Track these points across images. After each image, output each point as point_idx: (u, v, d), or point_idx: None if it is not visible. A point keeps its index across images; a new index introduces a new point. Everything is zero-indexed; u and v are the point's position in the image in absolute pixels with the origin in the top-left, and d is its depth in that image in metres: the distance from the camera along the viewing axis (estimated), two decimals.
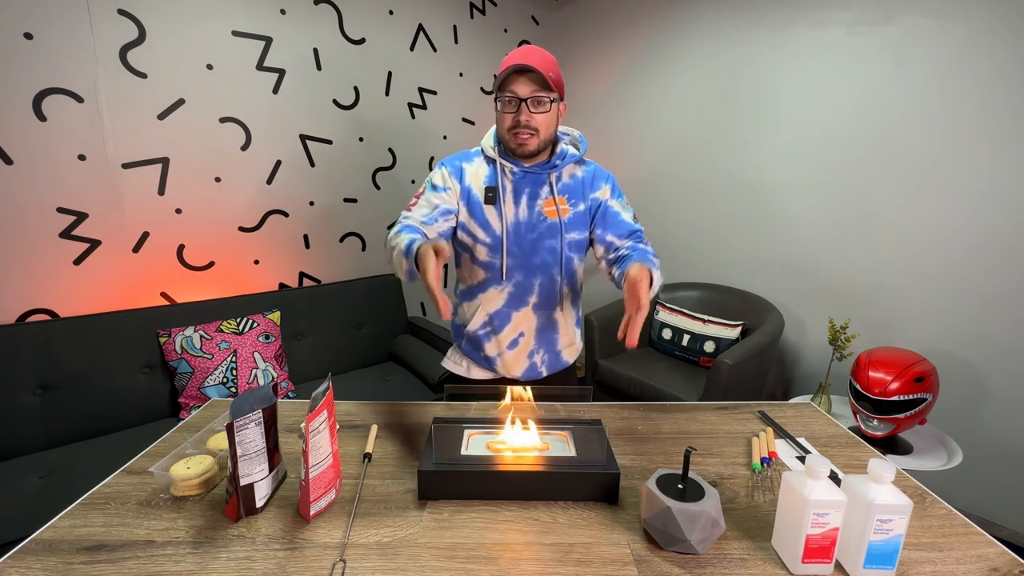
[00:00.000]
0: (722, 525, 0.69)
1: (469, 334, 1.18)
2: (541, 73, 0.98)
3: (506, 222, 1.10)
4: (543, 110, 1.01)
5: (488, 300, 1.14)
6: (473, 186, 1.11)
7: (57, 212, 1.76)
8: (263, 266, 2.29)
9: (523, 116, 1.00)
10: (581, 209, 1.13)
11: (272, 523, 0.75)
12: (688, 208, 2.68)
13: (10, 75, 1.62)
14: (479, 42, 2.86)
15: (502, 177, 1.10)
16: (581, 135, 1.17)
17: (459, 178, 1.11)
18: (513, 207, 1.10)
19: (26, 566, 0.66)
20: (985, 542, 0.71)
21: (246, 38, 2.07)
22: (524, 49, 1.02)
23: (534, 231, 1.11)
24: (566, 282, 1.15)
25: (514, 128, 1.02)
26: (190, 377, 1.85)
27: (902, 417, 1.54)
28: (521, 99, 1.00)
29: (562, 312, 1.18)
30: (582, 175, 1.14)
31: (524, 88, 0.99)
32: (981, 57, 1.67)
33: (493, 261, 1.12)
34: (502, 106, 1.03)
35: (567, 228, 1.11)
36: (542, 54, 1.01)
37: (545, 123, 1.03)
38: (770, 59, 2.23)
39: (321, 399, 0.75)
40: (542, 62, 0.99)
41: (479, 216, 1.10)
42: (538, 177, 1.10)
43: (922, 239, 1.87)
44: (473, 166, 1.12)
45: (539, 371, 1.20)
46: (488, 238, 1.11)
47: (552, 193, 1.10)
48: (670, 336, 2.40)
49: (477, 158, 1.13)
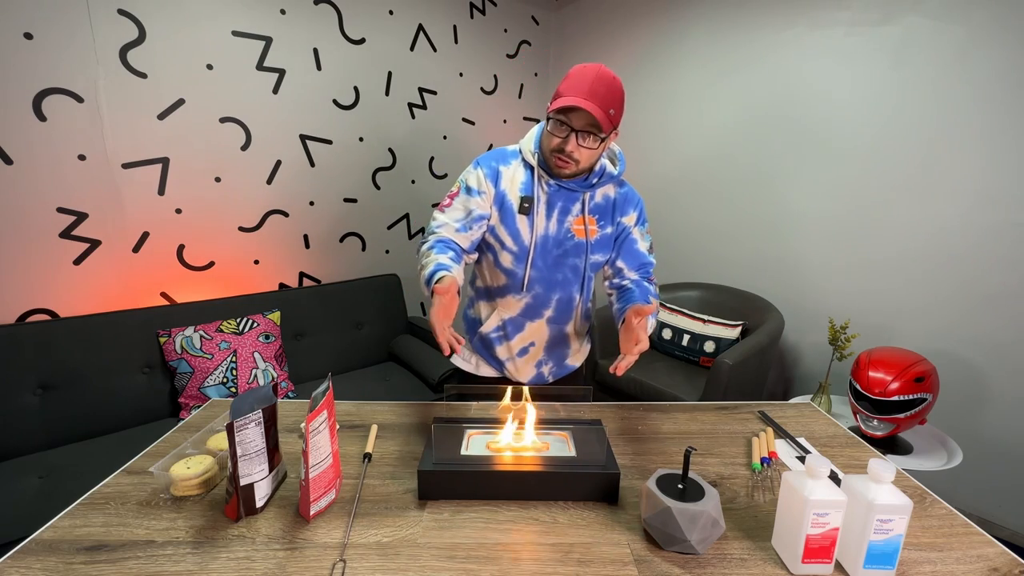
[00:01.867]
0: (722, 525, 0.69)
1: (482, 334, 1.19)
2: (600, 115, 0.92)
3: (535, 234, 1.08)
4: (591, 146, 0.98)
5: (505, 306, 1.15)
6: (508, 192, 1.08)
7: (57, 212, 1.76)
8: (263, 266, 2.29)
9: (569, 146, 0.97)
10: (608, 232, 1.12)
11: (272, 523, 0.75)
12: (688, 208, 2.68)
13: (10, 75, 1.62)
14: (479, 42, 2.86)
15: (537, 188, 1.07)
16: (621, 152, 1.13)
17: (495, 182, 1.08)
18: (544, 220, 1.08)
19: (26, 566, 0.66)
20: (985, 542, 0.71)
21: (246, 38, 2.07)
22: (593, 78, 0.93)
23: (560, 247, 1.09)
24: (583, 300, 1.16)
25: (557, 152, 0.99)
26: (190, 377, 1.85)
27: (902, 417, 1.54)
28: (574, 129, 0.95)
29: (575, 327, 1.19)
30: (615, 196, 1.12)
31: (579, 121, 0.94)
32: (979, 58, 1.67)
33: (516, 270, 1.11)
34: (553, 127, 0.98)
35: (592, 249, 1.10)
36: (610, 86, 0.94)
37: (589, 157, 1.00)
38: (770, 60, 2.23)
39: (321, 399, 0.75)
40: (606, 98, 0.93)
41: (510, 224, 1.08)
42: (572, 194, 1.07)
43: (922, 239, 1.87)
44: (510, 169, 1.08)
45: (545, 379, 1.22)
46: (516, 247, 1.09)
47: (583, 212, 1.08)
48: (670, 336, 2.40)
49: (515, 160, 1.09)
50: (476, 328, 1.21)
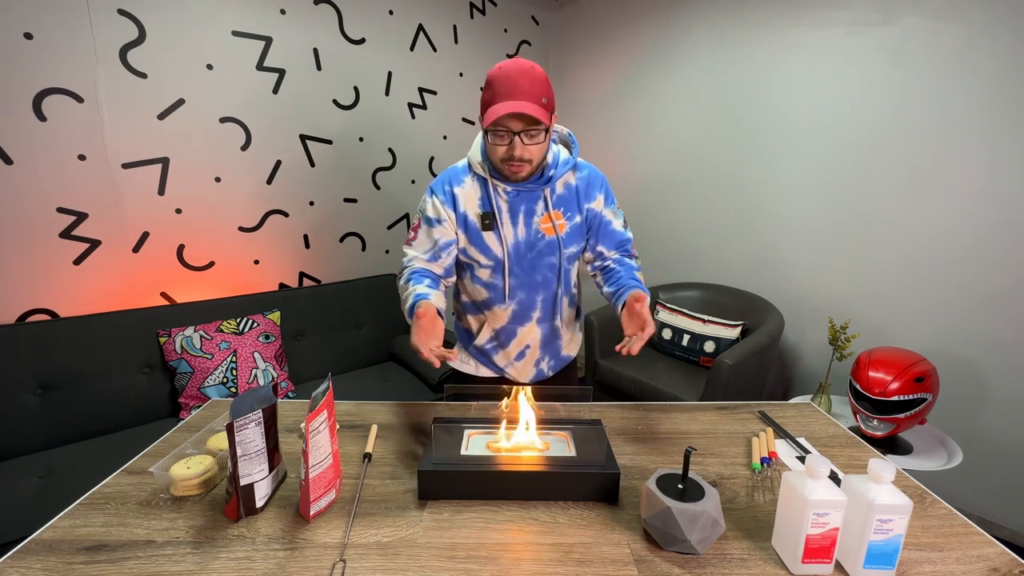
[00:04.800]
0: (722, 525, 0.69)
1: (478, 346, 1.20)
2: (533, 111, 0.90)
3: (506, 244, 1.07)
4: (537, 140, 0.96)
5: (493, 317, 1.15)
6: (469, 212, 1.07)
7: (57, 212, 1.76)
8: (263, 266, 2.29)
9: (517, 151, 0.95)
10: (577, 221, 1.11)
11: (272, 523, 0.75)
12: (688, 208, 2.68)
13: (10, 75, 1.62)
14: (479, 42, 2.86)
15: (496, 198, 1.05)
16: (571, 133, 1.12)
17: (452, 206, 1.07)
18: (511, 228, 1.07)
19: (26, 566, 0.66)
20: (985, 542, 0.71)
21: (246, 38, 2.07)
22: (513, 76, 0.91)
23: (533, 249, 1.09)
24: (566, 293, 1.16)
25: (507, 160, 0.97)
26: (190, 377, 1.84)
27: (902, 417, 1.54)
28: (515, 132, 0.93)
29: (563, 319, 1.19)
30: (576, 183, 1.10)
31: (517, 123, 0.92)
32: (979, 58, 1.67)
33: (495, 282, 1.11)
34: (493, 138, 0.96)
35: (565, 243, 1.10)
36: (532, 79, 0.91)
37: (539, 151, 0.98)
38: (770, 60, 2.23)
39: (321, 399, 0.75)
40: (533, 91, 0.90)
41: (478, 242, 1.08)
42: (532, 194, 1.06)
43: (922, 239, 1.87)
44: (464, 189, 1.07)
45: (545, 374, 1.23)
46: (490, 261, 1.09)
47: (547, 208, 1.07)
48: (670, 336, 2.40)
49: (467, 177, 1.08)
50: (470, 340, 1.21)
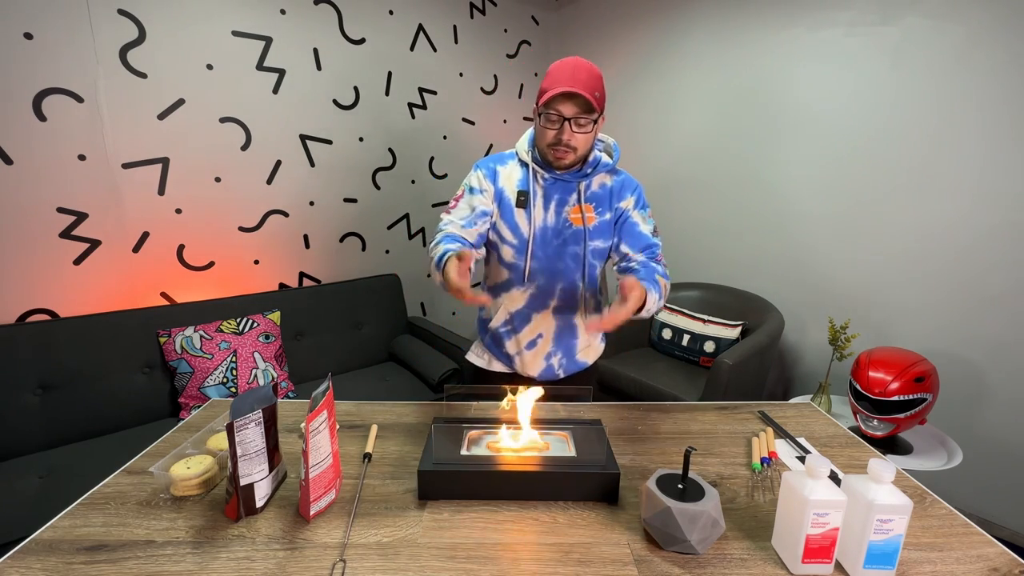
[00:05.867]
0: (722, 525, 0.69)
1: (492, 330, 1.22)
2: (587, 97, 0.97)
3: (534, 226, 1.12)
4: (585, 130, 1.02)
5: (510, 300, 1.17)
6: (506, 188, 1.13)
7: (57, 212, 1.76)
8: (263, 266, 2.29)
9: (565, 135, 1.01)
10: (607, 218, 1.14)
11: (272, 523, 0.75)
12: (688, 208, 2.68)
13: (10, 75, 1.62)
14: (479, 42, 2.86)
15: (534, 182, 1.12)
16: (615, 144, 1.17)
17: (493, 180, 1.14)
18: (542, 211, 1.12)
19: (26, 566, 0.66)
20: (985, 542, 0.71)
21: (246, 38, 2.07)
22: (572, 66, 1.00)
23: (559, 236, 1.13)
24: (588, 289, 1.17)
25: (555, 144, 1.03)
26: (190, 377, 1.84)
27: (902, 417, 1.54)
28: (566, 118, 1.00)
29: (583, 318, 1.19)
30: (611, 184, 1.15)
31: (569, 109, 0.99)
32: (979, 58, 1.67)
33: (517, 263, 1.14)
34: (545, 122, 1.02)
35: (591, 236, 1.13)
36: (589, 72, 1.00)
37: (585, 141, 1.04)
38: (770, 60, 2.23)
39: (321, 399, 0.75)
40: (588, 83, 0.98)
41: (509, 218, 1.13)
42: (568, 185, 1.11)
43: (922, 239, 1.87)
44: (507, 168, 1.14)
45: (556, 373, 1.23)
46: (515, 240, 1.13)
47: (580, 200, 1.11)
48: (670, 336, 2.40)
49: (511, 161, 1.15)
50: (487, 326, 1.24)
